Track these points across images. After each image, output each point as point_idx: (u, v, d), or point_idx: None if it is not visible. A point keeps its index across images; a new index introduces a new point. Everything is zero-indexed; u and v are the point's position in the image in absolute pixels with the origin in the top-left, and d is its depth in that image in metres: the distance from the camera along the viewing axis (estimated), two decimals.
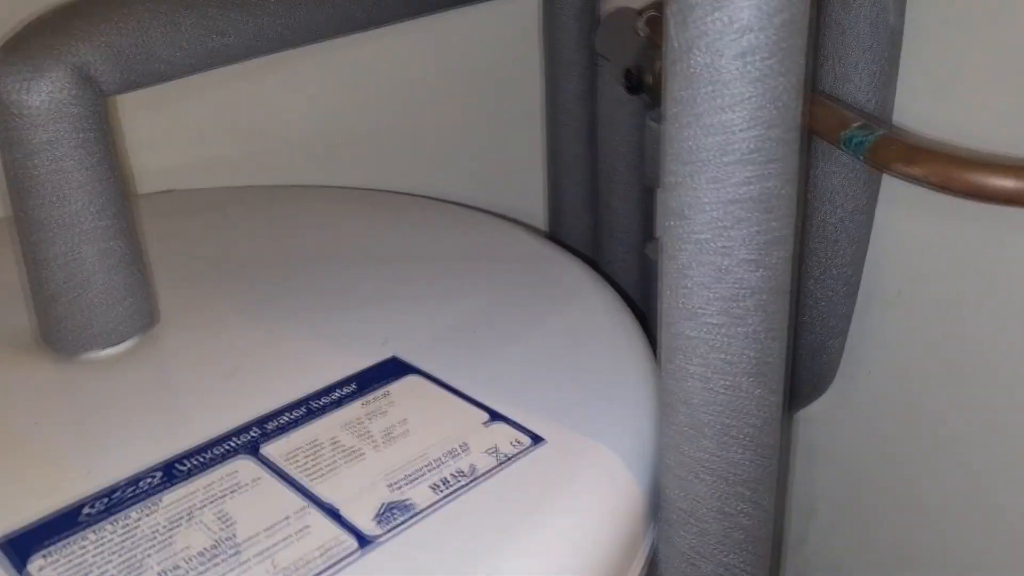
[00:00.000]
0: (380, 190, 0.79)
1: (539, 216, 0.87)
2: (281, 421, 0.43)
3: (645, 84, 0.64)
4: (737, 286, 0.36)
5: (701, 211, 0.35)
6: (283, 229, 0.63)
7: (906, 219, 0.55)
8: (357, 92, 0.76)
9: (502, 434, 0.42)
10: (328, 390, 0.45)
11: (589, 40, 0.78)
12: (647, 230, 0.78)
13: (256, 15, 0.51)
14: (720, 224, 0.35)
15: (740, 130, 0.33)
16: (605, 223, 0.78)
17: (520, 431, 0.42)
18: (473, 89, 0.81)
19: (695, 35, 0.32)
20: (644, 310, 0.72)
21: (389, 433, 0.42)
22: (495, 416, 0.43)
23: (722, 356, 0.37)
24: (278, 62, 0.61)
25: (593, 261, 0.84)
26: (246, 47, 0.51)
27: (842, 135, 0.43)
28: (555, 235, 0.85)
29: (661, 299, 0.38)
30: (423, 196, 0.74)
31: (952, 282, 0.53)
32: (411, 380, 0.46)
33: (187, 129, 0.71)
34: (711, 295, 0.36)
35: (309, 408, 0.44)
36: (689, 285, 0.36)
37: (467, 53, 0.80)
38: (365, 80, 0.76)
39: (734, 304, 0.36)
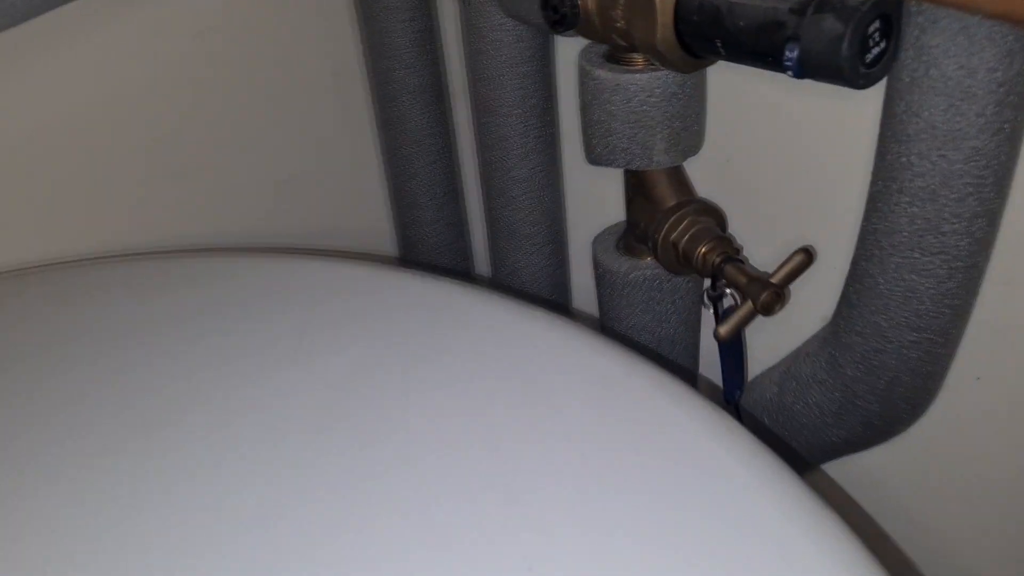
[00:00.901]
0: (126, 254, 0.49)
1: (382, 233, 0.60)
2: None
3: (586, 10, 0.39)
4: None
5: None
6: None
7: None
8: (67, 96, 0.45)
9: None
10: None
11: None
12: (558, 221, 0.53)
13: None
14: None
15: None
16: (500, 220, 0.53)
17: None
18: (258, 54, 0.51)
19: None
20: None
21: None
22: None
23: None
24: None
25: (469, 275, 0.59)
26: None
27: None
28: (409, 251, 0.59)
29: None
30: (206, 249, 0.45)
31: None
32: None
33: None
34: None
35: None
36: None
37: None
38: (84, 74, 0.45)
39: None
